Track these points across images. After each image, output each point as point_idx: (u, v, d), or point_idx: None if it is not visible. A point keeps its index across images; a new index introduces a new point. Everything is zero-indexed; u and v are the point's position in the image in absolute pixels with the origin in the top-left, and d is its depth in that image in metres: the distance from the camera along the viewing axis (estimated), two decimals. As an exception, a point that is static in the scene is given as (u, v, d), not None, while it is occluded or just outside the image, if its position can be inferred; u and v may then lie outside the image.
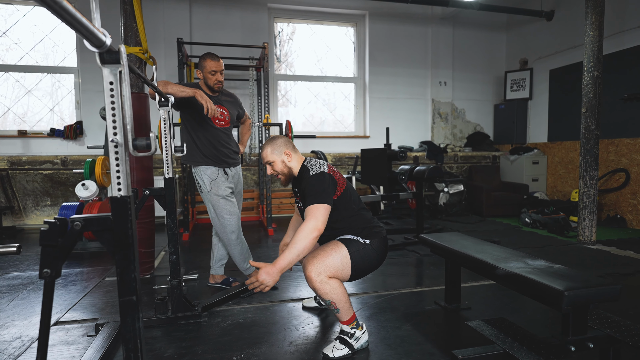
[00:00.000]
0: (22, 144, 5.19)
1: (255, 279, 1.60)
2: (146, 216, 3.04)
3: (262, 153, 2.00)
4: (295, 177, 2.00)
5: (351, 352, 1.81)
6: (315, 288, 1.76)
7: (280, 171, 1.98)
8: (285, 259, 1.64)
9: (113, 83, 1.04)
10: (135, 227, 1.09)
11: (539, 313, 2.28)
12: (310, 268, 1.76)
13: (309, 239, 1.68)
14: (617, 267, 3.14)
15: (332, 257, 1.79)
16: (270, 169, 1.99)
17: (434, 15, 6.46)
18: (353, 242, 1.86)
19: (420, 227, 4.01)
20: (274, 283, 1.62)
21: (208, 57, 2.54)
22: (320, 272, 1.75)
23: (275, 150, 1.96)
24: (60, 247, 1.07)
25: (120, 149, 1.05)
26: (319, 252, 1.82)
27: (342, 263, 1.80)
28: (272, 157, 1.96)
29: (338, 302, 1.79)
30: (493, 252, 1.98)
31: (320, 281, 1.75)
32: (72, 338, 2.03)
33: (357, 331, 1.85)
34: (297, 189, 2.04)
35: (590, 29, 3.86)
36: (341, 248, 1.83)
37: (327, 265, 1.77)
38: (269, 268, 1.62)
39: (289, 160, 1.97)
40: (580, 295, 1.45)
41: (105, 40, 0.98)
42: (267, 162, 1.98)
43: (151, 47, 5.15)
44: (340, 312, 1.82)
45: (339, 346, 1.81)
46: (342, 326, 1.86)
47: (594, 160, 3.90)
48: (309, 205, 1.76)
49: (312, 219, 1.71)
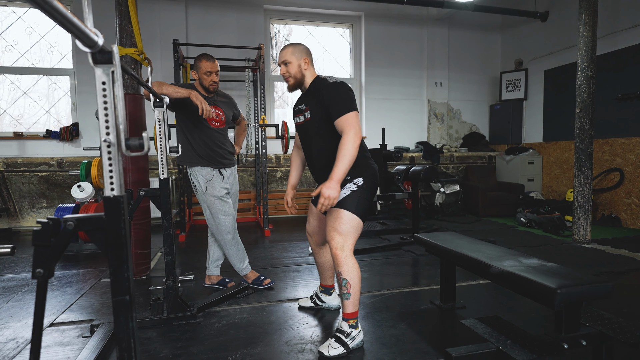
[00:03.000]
0: (18, 146, 5.18)
1: (322, 198, 1.68)
2: (142, 217, 3.03)
3: (281, 52, 1.99)
4: (305, 89, 2.01)
5: (346, 351, 1.81)
6: (338, 264, 1.82)
7: (293, 75, 1.97)
8: (340, 170, 1.72)
9: (105, 83, 1.04)
10: (128, 227, 1.09)
11: (533, 311, 2.29)
12: (334, 244, 1.83)
13: (355, 147, 1.75)
14: (612, 266, 3.16)
15: (345, 228, 1.84)
16: (285, 69, 1.98)
17: (430, 16, 6.49)
18: (350, 198, 1.87)
19: (416, 227, 4.02)
20: (337, 194, 1.71)
21: (203, 58, 2.55)
22: (344, 247, 1.83)
23: (296, 52, 1.96)
24: (53, 247, 1.07)
25: (113, 149, 1.06)
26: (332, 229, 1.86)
27: (354, 226, 1.86)
28: (290, 58, 1.96)
29: (353, 285, 1.83)
30: (487, 251, 1.99)
31: (345, 257, 1.82)
32: (67, 339, 2.03)
33: (354, 331, 1.86)
34: (303, 105, 2.02)
35: (584, 29, 3.89)
36: (346, 215, 1.85)
37: (346, 238, 1.84)
38: (328, 183, 1.69)
39: (305, 67, 1.97)
40: (573, 293, 1.46)
41: (97, 41, 0.98)
42: (284, 62, 1.97)
43: (147, 48, 5.15)
44: (350, 299, 1.84)
45: (335, 345, 1.81)
46: (342, 323, 1.87)
47: (588, 159, 3.93)
48: (341, 116, 1.79)
49: (351, 129, 1.77)
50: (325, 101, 1.86)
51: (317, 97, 1.91)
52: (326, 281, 2.37)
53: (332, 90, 1.85)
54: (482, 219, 5.52)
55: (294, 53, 1.96)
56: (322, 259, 2.32)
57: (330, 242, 1.87)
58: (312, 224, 2.25)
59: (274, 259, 3.53)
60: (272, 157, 5.83)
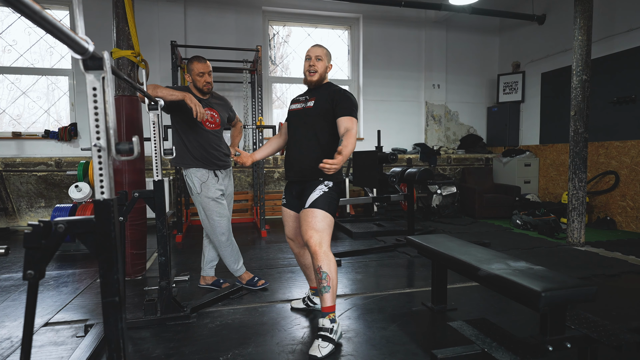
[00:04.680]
0: (17, 146, 5.20)
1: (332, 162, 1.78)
2: (138, 218, 3.06)
3: (314, 48, 2.19)
4: (316, 86, 2.21)
5: (334, 346, 1.90)
6: (318, 259, 1.94)
7: (320, 72, 2.17)
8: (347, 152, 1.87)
9: (96, 89, 1.07)
10: (118, 230, 1.12)
11: (523, 313, 2.31)
12: (312, 242, 1.97)
13: (355, 142, 1.97)
14: (604, 269, 3.18)
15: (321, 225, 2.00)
16: (315, 62, 2.16)
17: (428, 19, 6.52)
18: (322, 199, 2.04)
19: (411, 229, 4.04)
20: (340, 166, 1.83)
21: (195, 59, 2.59)
22: (322, 244, 1.97)
23: (328, 54, 2.22)
24: (43, 250, 1.09)
25: (103, 153, 1.08)
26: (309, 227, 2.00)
27: (328, 223, 2.03)
28: (324, 56, 2.19)
29: (332, 278, 1.95)
30: (477, 254, 2.02)
31: (323, 252, 1.96)
32: (61, 339, 2.05)
33: (335, 325, 1.94)
34: (307, 96, 2.21)
35: (579, 33, 3.91)
36: (320, 213, 2.01)
37: (322, 235, 1.99)
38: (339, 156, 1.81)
39: (328, 70, 2.23)
40: (557, 296, 1.48)
41: (88, 47, 1.00)
42: (317, 57, 2.16)
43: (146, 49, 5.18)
44: (329, 292, 1.94)
45: (323, 344, 1.87)
46: (323, 321, 1.94)
47: (582, 162, 3.95)
48: (347, 115, 2.04)
49: (353, 128, 2.00)
50: (335, 100, 2.08)
51: (328, 94, 2.13)
52: (314, 283, 2.41)
53: (344, 94, 2.11)
54: (479, 220, 5.54)
55: (327, 54, 2.21)
56: (307, 261, 2.36)
57: (308, 240, 1.98)
58: (291, 226, 2.30)
59: (269, 259, 3.56)
60: (269, 158, 5.85)
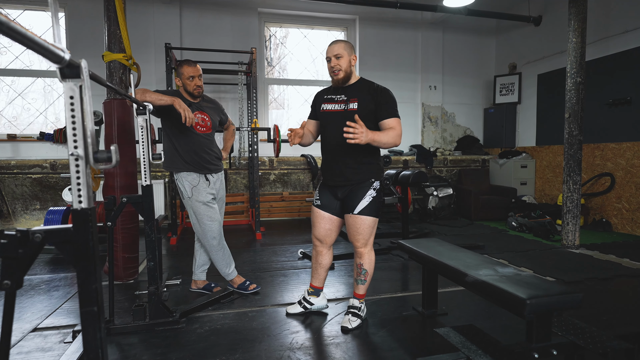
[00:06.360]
0: (12, 148, 5.20)
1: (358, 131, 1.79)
2: (129, 222, 3.05)
3: (332, 46, 2.10)
4: (351, 82, 2.14)
5: (361, 321, 2.24)
6: (362, 258, 2.21)
7: (344, 68, 2.08)
8: (380, 138, 1.92)
9: (73, 97, 1.06)
10: (97, 239, 1.11)
11: (514, 318, 2.30)
12: (361, 244, 2.18)
13: (393, 141, 1.99)
14: (597, 272, 3.17)
15: (370, 231, 2.17)
16: (336, 61, 2.07)
17: (424, 20, 6.51)
18: (370, 205, 2.13)
19: (406, 231, 4.04)
20: (365, 141, 1.84)
21: (184, 63, 2.58)
22: (367, 245, 2.20)
23: (347, 47, 2.08)
24: (20, 259, 1.08)
25: (80, 162, 1.07)
26: (358, 233, 2.16)
27: (374, 227, 2.20)
28: (342, 52, 2.07)
29: (369, 274, 2.23)
30: (466, 259, 2.01)
31: (367, 252, 2.21)
32: (48, 344, 2.04)
33: (362, 305, 2.29)
34: (343, 96, 2.14)
35: (573, 35, 3.91)
36: (368, 220, 2.14)
37: (370, 238, 2.19)
38: (369, 133, 1.84)
39: (353, 63, 2.11)
40: (542, 304, 1.47)
41: (64, 56, 1.00)
42: (337, 55, 2.06)
43: (141, 52, 5.18)
44: (365, 284, 2.25)
45: (353, 319, 2.21)
46: (354, 301, 2.27)
47: (577, 165, 3.94)
48: (392, 117, 2.05)
49: (398, 128, 2.02)
50: (378, 100, 2.06)
51: (369, 93, 2.08)
52: (319, 282, 2.41)
53: (386, 93, 2.10)
54: (475, 222, 5.54)
55: (345, 48, 2.08)
56: (326, 261, 2.37)
57: (355, 243, 2.19)
58: (324, 228, 2.29)
59: (262, 263, 3.55)
60: (265, 159, 5.84)
